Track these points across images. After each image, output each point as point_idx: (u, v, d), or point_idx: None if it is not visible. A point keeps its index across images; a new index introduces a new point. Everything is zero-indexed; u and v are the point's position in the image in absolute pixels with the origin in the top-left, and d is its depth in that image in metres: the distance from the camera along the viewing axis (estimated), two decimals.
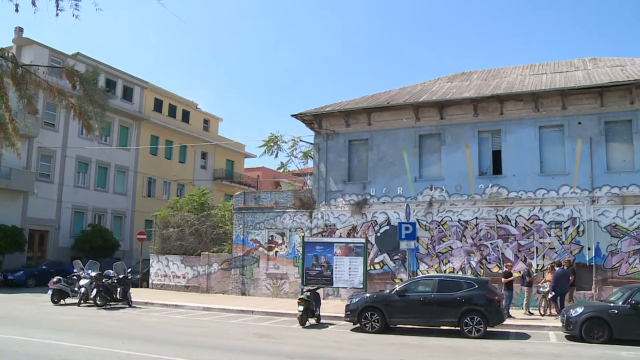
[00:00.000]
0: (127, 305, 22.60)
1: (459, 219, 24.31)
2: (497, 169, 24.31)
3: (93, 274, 22.66)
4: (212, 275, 29.10)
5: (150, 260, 31.42)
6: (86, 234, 37.75)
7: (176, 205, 33.44)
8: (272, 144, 32.08)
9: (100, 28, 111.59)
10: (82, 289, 22.62)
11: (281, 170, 37.92)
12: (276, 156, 32.57)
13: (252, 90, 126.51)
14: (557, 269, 20.57)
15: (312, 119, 27.29)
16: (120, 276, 22.93)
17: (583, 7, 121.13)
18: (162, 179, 46.38)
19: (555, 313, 19.59)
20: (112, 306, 22.36)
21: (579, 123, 23.20)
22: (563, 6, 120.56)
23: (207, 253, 29.63)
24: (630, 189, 22.21)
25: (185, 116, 50.26)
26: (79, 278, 23.55)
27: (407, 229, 21.13)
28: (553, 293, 20.10)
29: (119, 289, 22.72)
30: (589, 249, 22.34)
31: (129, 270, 24.69)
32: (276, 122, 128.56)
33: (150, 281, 30.95)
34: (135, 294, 24.67)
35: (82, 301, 22.55)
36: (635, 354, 13.60)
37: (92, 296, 22.21)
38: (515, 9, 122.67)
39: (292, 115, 27.17)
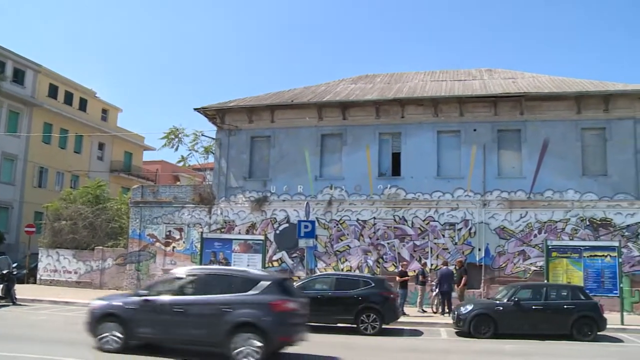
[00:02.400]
0: (11, 303, 21.22)
1: (358, 219, 24.78)
2: (396, 170, 24.97)
3: None
4: (106, 271, 28.13)
5: (39, 255, 29.87)
6: None
7: (69, 197, 32.02)
8: (172, 137, 31.38)
9: None
10: None
11: (181, 165, 37.15)
12: (176, 150, 31.86)
13: (155, 82, 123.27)
14: (442, 267, 21.42)
15: (215, 114, 26.96)
16: (4, 271, 21.47)
17: (481, 20, 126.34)
18: (55, 169, 44.16)
19: (447, 311, 20.30)
20: None
21: (474, 130, 24.32)
22: (462, 16, 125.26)
23: (101, 248, 28.61)
24: (518, 194, 23.54)
25: (83, 104, 48.10)
26: None
27: (306, 227, 21.22)
28: (437, 290, 20.91)
29: (1, 286, 21.32)
30: (479, 249, 23.48)
31: (14, 265, 23.28)
32: (178, 115, 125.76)
33: (38, 277, 29.42)
34: (22, 290, 23.29)
35: None
36: (516, 347, 14.52)
37: None
38: (418, 15, 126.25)
39: (194, 109, 26.73)
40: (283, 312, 10.77)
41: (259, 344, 10.38)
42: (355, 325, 16.43)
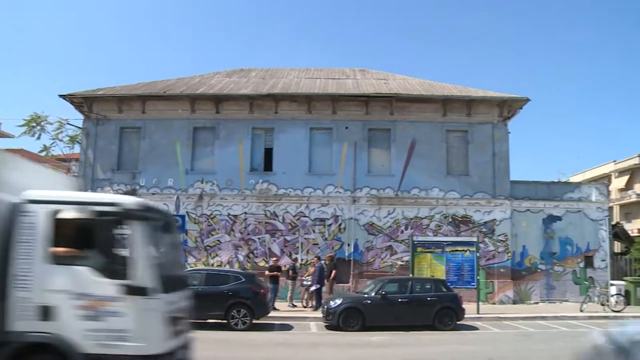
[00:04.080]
0: None
1: (229, 213, 24.57)
2: (268, 166, 25.02)
3: None
4: None
5: None
6: None
7: None
8: (34, 124, 29.46)
9: None
10: None
11: (44, 154, 34.98)
12: (38, 138, 29.91)
13: (14, 64, 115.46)
14: (317, 263, 21.67)
15: (82, 102, 25.63)
16: None
17: (355, 20, 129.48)
18: None
19: (317, 305, 20.52)
20: None
21: (346, 128, 24.88)
22: (338, 15, 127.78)
23: None
24: (386, 191, 24.39)
25: None
26: None
27: (176, 221, 20.73)
28: (318, 286, 21.06)
29: None
30: (348, 245, 24.08)
31: None
32: (41, 101, 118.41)
33: None
34: None
35: None
36: (383, 338, 15.05)
37: None
38: (294, 11, 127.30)
39: (60, 96, 25.25)
40: None
41: None
42: (225, 321, 16.24)
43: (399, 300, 17.00)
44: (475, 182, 24.65)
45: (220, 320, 16.42)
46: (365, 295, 17.26)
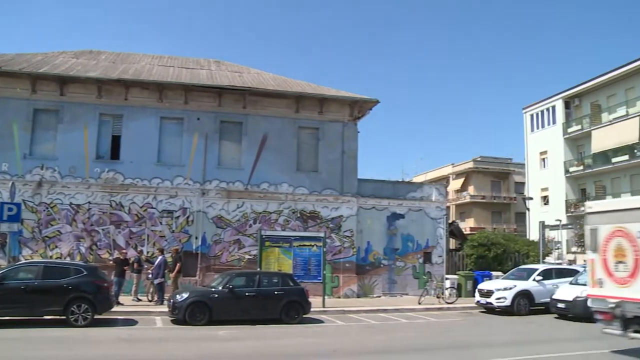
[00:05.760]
0: None
1: (71, 202, 23.28)
2: (115, 154, 24.00)
3: None
4: None
5: None
6: None
7: None
8: None
9: None
10: None
11: None
12: None
13: None
14: (160, 256, 21.06)
15: None
16: None
17: (211, 12, 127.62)
18: None
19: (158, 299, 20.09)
20: None
21: (198, 119, 24.53)
22: (194, 6, 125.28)
23: None
24: (236, 185, 24.40)
25: None
26: None
27: (10, 209, 19.21)
28: (162, 280, 20.53)
29: None
30: (196, 238, 23.79)
31: None
32: None
33: None
34: None
35: None
36: (230, 332, 15.08)
37: None
38: None
39: None
40: None
41: None
42: (64, 317, 15.34)
43: (246, 294, 17.04)
44: (324, 179, 25.32)
45: (58, 317, 15.54)
46: (213, 289, 17.12)
